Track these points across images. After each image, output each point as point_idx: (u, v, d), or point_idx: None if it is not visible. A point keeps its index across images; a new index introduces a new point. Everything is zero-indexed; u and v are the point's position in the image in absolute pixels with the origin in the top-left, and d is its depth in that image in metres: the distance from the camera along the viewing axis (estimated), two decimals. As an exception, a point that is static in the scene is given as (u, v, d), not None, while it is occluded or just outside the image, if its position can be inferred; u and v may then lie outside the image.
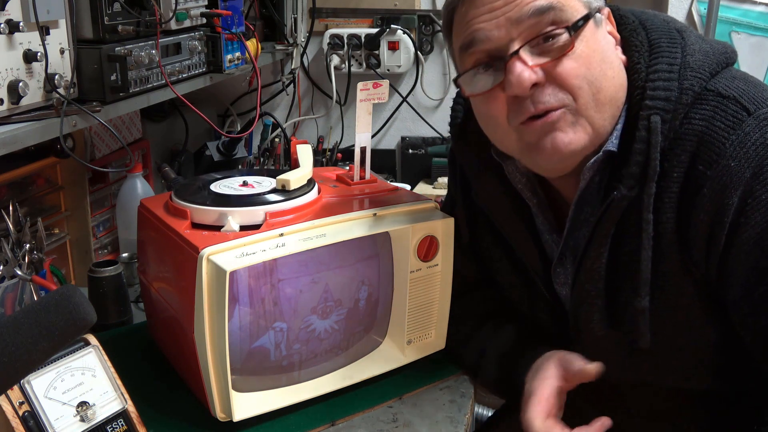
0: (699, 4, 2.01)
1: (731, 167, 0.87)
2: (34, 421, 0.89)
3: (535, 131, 0.93)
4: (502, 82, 0.93)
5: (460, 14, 0.96)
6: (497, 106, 0.95)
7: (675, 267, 0.94)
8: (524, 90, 0.91)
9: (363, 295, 1.13)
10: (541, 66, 0.91)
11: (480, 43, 0.94)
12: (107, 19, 1.22)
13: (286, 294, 1.06)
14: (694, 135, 0.90)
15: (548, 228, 1.07)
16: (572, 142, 0.93)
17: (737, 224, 0.88)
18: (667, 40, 0.96)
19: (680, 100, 0.92)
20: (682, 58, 0.94)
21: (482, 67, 0.95)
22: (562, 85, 0.91)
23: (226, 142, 1.93)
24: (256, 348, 1.06)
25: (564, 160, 0.95)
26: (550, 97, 0.91)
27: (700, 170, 0.89)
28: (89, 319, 0.67)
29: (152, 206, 1.15)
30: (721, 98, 0.91)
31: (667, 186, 0.92)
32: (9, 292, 1.21)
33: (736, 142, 0.88)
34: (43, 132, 1.10)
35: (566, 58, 0.91)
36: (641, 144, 0.91)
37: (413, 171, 2.28)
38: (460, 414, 1.10)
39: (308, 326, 1.09)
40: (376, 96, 1.18)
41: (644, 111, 0.92)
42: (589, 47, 0.92)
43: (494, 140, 1.02)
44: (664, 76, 0.93)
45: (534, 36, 0.91)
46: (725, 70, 0.96)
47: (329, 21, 2.24)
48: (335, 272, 1.09)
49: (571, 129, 0.93)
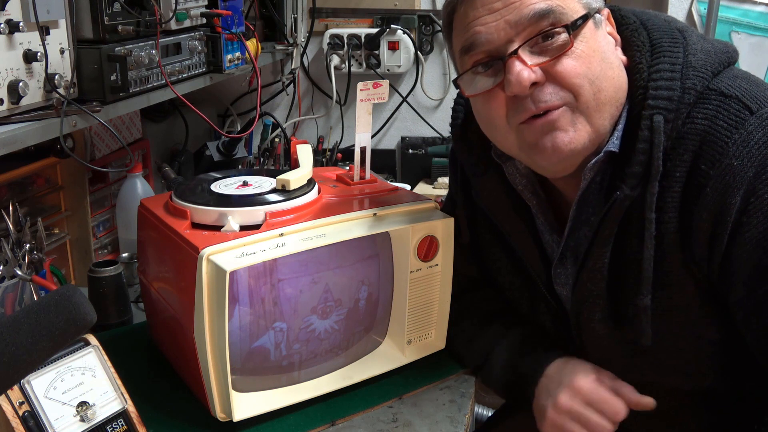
0: (699, 4, 2.01)
1: (734, 166, 0.87)
2: (34, 421, 0.89)
3: (535, 131, 0.93)
4: (502, 82, 0.93)
5: (459, 15, 0.97)
6: (497, 106, 0.95)
7: (677, 266, 0.94)
8: (523, 89, 0.91)
9: (363, 295, 1.13)
10: (540, 65, 0.91)
11: (480, 46, 0.94)
12: (107, 19, 1.22)
13: (286, 294, 1.06)
14: (697, 134, 0.90)
15: (549, 228, 1.07)
16: (572, 141, 0.93)
17: (740, 223, 0.88)
18: (668, 39, 0.96)
19: (683, 100, 0.92)
20: (684, 58, 0.94)
21: (482, 67, 0.95)
22: (562, 83, 0.91)
23: (226, 142, 1.93)
24: (256, 348, 1.06)
25: (564, 160, 0.95)
26: (551, 96, 0.91)
27: (703, 169, 0.89)
28: (89, 319, 0.67)
29: (152, 206, 1.15)
30: (723, 97, 0.91)
31: (670, 185, 0.92)
32: (9, 292, 1.21)
33: (738, 141, 0.88)
34: (43, 132, 1.10)
35: (566, 57, 0.91)
36: (644, 144, 0.91)
37: (413, 171, 2.28)
38: (460, 414, 1.10)
39: (308, 326, 1.09)
40: (376, 96, 1.18)
41: (647, 111, 0.92)
42: (588, 47, 0.92)
43: (494, 141, 1.02)
44: (666, 76, 0.93)
45: (533, 35, 0.91)
46: (727, 69, 0.96)
47: (329, 21, 2.24)
48: (335, 272, 1.09)
49: (571, 127, 0.92)
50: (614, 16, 1.02)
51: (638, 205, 0.93)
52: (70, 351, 0.94)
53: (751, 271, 0.89)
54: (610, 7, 1.04)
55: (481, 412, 1.77)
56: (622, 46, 0.99)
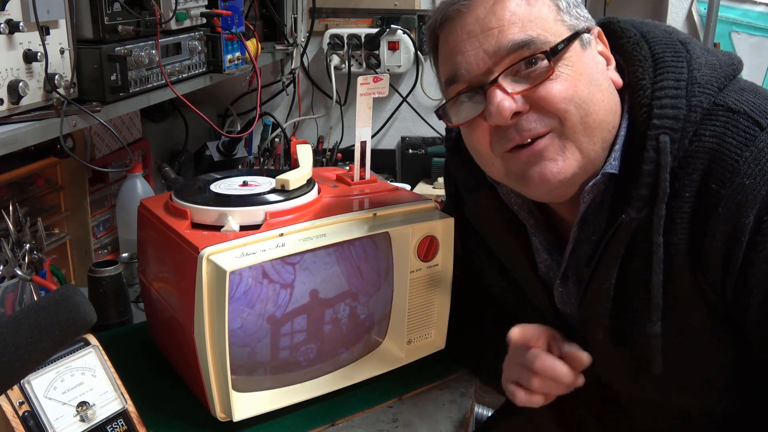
0: (699, 4, 2.01)
1: (746, 185, 0.84)
2: (34, 421, 0.89)
3: (521, 161, 0.91)
4: (484, 112, 0.91)
5: (442, 43, 0.96)
6: (480, 135, 0.94)
7: (686, 289, 0.91)
8: (504, 120, 0.89)
9: (363, 296, 1.13)
10: (522, 93, 0.89)
11: (461, 77, 0.92)
12: (107, 19, 1.22)
13: (285, 294, 1.06)
14: (706, 153, 0.87)
15: (547, 248, 1.05)
16: (561, 172, 0.90)
17: (754, 243, 0.85)
18: (671, 53, 0.93)
19: (689, 118, 0.88)
20: (689, 73, 0.91)
21: (465, 96, 0.93)
22: (547, 109, 0.89)
23: (226, 142, 1.93)
24: (256, 348, 1.06)
25: (553, 191, 0.93)
26: (536, 124, 0.89)
27: (713, 189, 0.86)
28: (89, 319, 0.67)
29: (152, 206, 1.15)
30: (731, 113, 0.88)
31: (679, 206, 0.88)
32: (9, 292, 1.21)
33: (750, 159, 0.85)
34: (43, 132, 1.10)
35: (549, 81, 0.88)
36: (650, 165, 0.88)
37: (413, 171, 2.28)
38: (460, 414, 1.10)
39: (308, 326, 1.09)
40: (376, 90, 1.17)
41: (652, 131, 0.88)
42: (574, 70, 0.89)
43: (482, 167, 1.00)
44: (671, 93, 0.89)
45: (513, 63, 0.89)
46: (733, 82, 0.93)
47: (329, 21, 2.24)
48: (335, 272, 1.09)
49: (560, 156, 0.90)
50: (613, 29, 0.99)
51: (645, 228, 0.90)
52: (70, 351, 0.94)
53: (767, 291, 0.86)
54: (609, 19, 1.01)
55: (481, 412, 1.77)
56: (623, 61, 0.96)
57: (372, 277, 1.14)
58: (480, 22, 0.90)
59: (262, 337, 1.06)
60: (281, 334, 1.07)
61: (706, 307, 0.92)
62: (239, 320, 1.02)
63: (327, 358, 1.13)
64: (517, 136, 0.90)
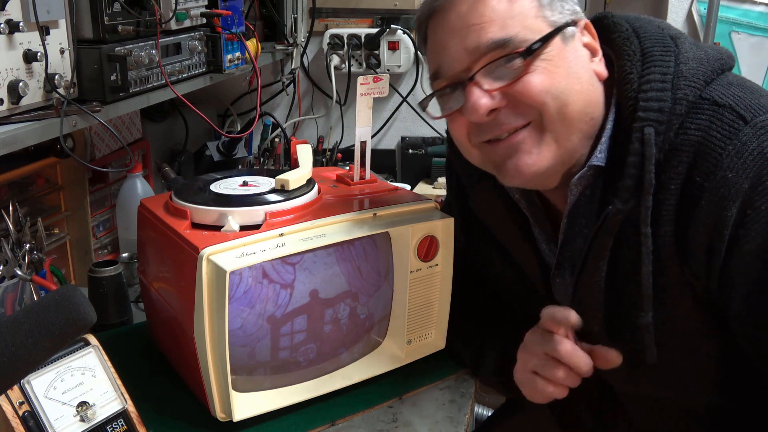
0: (699, 4, 2.01)
1: (729, 178, 0.85)
2: (34, 421, 0.89)
3: (498, 152, 0.94)
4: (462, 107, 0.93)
5: (430, 35, 0.98)
6: (459, 127, 0.97)
7: (674, 280, 0.92)
8: (480, 117, 0.91)
9: (363, 296, 1.13)
10: (500, 90, 0.91)
11: (443, 74, 0.95)
12: (107, 19, 1.22)
13: (285, 294, 1.06)
14: (691, 146, 0.88)
15: (545, 238, 1.06)
16: (535, 164, 0.92)
17: (737, 237, 0.86)
18: (660, 48, 0.94)
19: (674, 111, 0.89)
20: (676, 67, 0.92)
21: (448, 89, 0.96)
22: (525, 102, 0.90)
23: (226, 142, 1.93)
24: (256, 348, 1.06)
25: (528, 182, 0.95)
26: (513, 118, 0.91)
27: (698, 182, 0.87)
28: (89, 319, 0.67)
29: (152, 206, 1.15)
30: (716, 107, 0.89)
31: (665, 198, 0.90)
32: (9, 292, 1.21)
33: (733, 152, 0.86)
34: (43, 132, 1.10)
35: (526, 75, 0.90)
36: (635, 157, 0.89)
37: (413, 171, 2.28)
38: (460, 414, 1.10)
39: (308, 326, 1.09)
40: (376, 90, 1.18)
41: (637, 123, 0.90)
42: (552, 63, 0.90)
43: (463, 155, 1.02)
44: (657, 87, 0.90)
45: (491, 61, 0.91)
46: (721, 76, 0.94)
47: (329, 21, 2.24)
48: (335, 272, 1.09)
49: (535, 149, 0.92)
50: (606, 23, 0.99)
51: (633, 219, 0.91)
52: (70, 351, 0.94)
53: (750, 285, 0.86)
54: (603, 14, 1.02)
55: (481, 412, 1.77)
56: (614, 55, 0.97)
57: (372, 277, 1.14)
58: (462, 19, 0.92)
59: (262, 337, 1.06)
60: (281, 334, 1.07)
61: (693, 299, 0.93)
62: (239, 320, 1.02)
63: (327, 358, 1.13)
64: (495, 130, 0.92)
